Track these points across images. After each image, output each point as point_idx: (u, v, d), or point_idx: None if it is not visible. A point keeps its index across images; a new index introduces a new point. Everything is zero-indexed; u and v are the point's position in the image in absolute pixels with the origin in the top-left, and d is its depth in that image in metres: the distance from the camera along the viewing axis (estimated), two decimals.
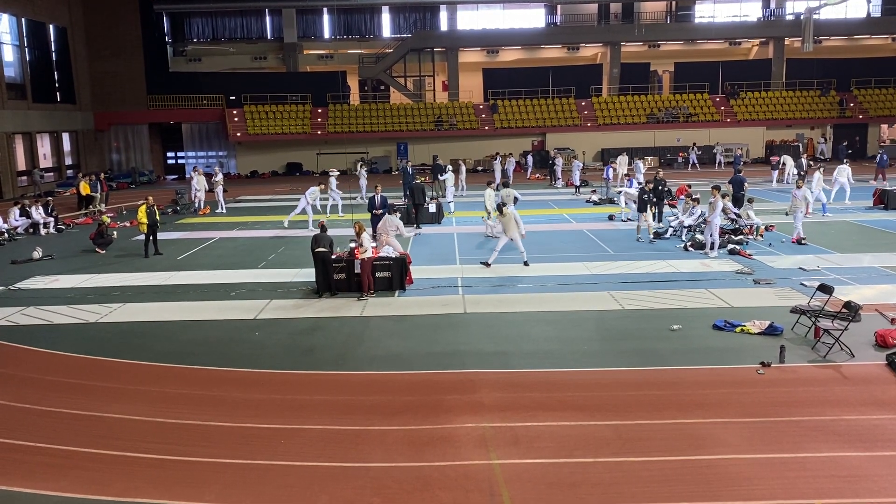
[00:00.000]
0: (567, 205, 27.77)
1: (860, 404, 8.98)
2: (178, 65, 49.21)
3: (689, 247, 18.27)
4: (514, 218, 16.50)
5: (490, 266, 16.60)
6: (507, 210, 16.53)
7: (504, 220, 16.56)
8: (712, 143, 42.97)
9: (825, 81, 47.04)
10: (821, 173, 24.09)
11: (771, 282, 14.85)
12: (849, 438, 8.07)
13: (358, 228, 14.86)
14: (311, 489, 7.28)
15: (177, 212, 28.25)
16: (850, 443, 7.97)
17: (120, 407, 9.37)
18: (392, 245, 15.74)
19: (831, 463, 7.56)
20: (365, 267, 14.45)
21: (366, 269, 14.47)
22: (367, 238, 14.82)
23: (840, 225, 21.32)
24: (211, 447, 8.23)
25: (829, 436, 8.16)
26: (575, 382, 9.93)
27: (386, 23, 51.01)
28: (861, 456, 7.67)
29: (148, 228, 19.27)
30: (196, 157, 47.31)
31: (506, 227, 16.57)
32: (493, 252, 16.88)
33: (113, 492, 7.26)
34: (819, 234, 19.56)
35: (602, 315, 12.91)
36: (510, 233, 16.50)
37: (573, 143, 44.38)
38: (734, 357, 10.67)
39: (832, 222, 21.66)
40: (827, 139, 46.11)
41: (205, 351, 11.53)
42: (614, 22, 49.59)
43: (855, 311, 11.14)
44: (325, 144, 44.43)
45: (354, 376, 10.36)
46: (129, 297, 14.96)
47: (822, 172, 24.19)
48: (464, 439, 8.26)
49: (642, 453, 7.85)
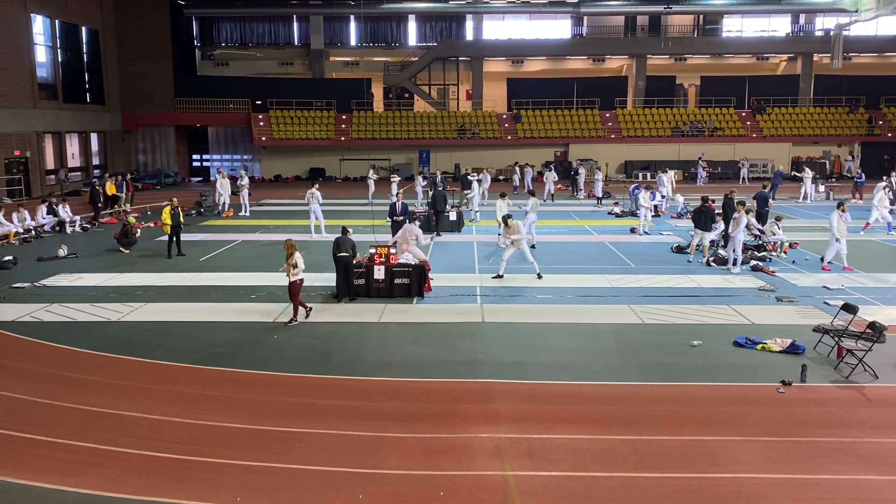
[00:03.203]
0: (588, 216, 27.65)
1: (883, 427, 8.83)
2: (206, 69, 49.79)
3: (712, 262, 18.10)
4: (519, 227, 16.47)
5: (503, 276, 16.55)
6: (512, 221, 16.50)
7: (510, 231, 16.53)
8: (737, 159, 42.58)
9: (854, 98, 46.47)
10: (885, 192, 23.67)
11: (794, 299, 14.67)
12: (870, 461, 7.93)
13: (289, 247, 13.10)
14: (325, 493, 7.28)
15: (200, 213, 28.52)
16: (871, 466, 7.84)
17: (138, 405, 9.46)
18: (413, 253, 15.77)
19: (851, 486, 7.43)
20: (294, 289, 13.04)
21: (295, 292, 13.06)
22: (299, 258, 13.02)
23: (866, 244, 21.01)
24: (227, 448, 8.27)
25: (849, 458, 8.02)
26: (592, 396, 9.86)
27: (412, 31, 51.27)
28: (882, 480, 7.54)
29: (171, 229, 19.47)
30: (221, 160, 47.80)
31: (513, 238, 16.54)
32: (501, 262, 16.83)
33: (129, 489, 7.32)
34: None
35: (622, 328, 12.82)
36: (518, 243, 16.45)
37: (596, 155, 44.21)
38: (755, 375, 10.54)
39: (859, 241, 21.35)
40: (854, 157, 45.54)
41: (224, 352, 11.61)
42: (641, 34, 49.41)
43: (880, 332, 10.96)
44: (349, 151, 44.67)
45: (371, 382, 10.37)
46: (151, 297, 15.11)
47: (885, 191, 23.78)
48: (478, 449, 8.23)
49: (659, 469, 7.77)
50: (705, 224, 18.29)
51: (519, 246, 16.46)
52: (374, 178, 32.83)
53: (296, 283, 13.01)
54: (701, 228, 18.36)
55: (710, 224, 18.44)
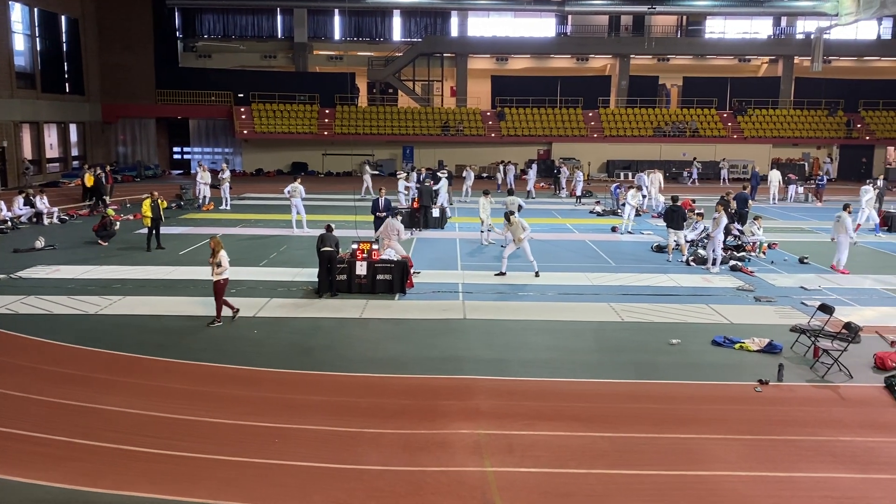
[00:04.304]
0: (570, 214, 27.77)
1: (857, 426, 8.96)
2: (188, 60, 49.31)
3: (691, 261, 18.25)
4: (521, 224, 16.52)
5: (506, 274, 16.57)
6: (514, 218, 16.54)
7: (512, 229, 16.58)
8: (718, 159, 42.96)
9: (833, 102, 47.01)
10: (875, 193, 24.08)
11: (772, 299, 14.84)
12: (844, 460, 8.06)
13: (214, 245, 12.48)
14: (305, 489, 7.27)
15: (181, 207, 28.29)
16: (845, 464, 7.96)
17: (116, 399, 9.38)
18: (395, 249, 15.76)
19: (825, 484, 7.54)
20: (218, 289, 12.53)
21: (219, 292, 12.57)
22: (224, 256, 12.44)
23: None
24: (205, 443, 8.22)
25: (824, 456, 8.14)
26: (572, 393, 9.92)
27: (396, 26, 51.10)
28: (856, 478, 7.66)
29: (151, 222, 19.30)
30: (202, 153, 47.36)
31: (514, 235, 16.59)
32: (502, 260, 16.85)
33: (105, 484, 7.26)
34: (821, 253, 19.53)
35: (601, 326, 12.91)
36: (518, 240, 16.50)
37: (579, 154, 44.39)
38: (732, 374, 10.66)
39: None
40: (833, 159, 46.12)
41: (203, 347, 11.54)
42: (624, 34, 49.63)
43: (855, 333, 11.13)
44: (332, 145, 44.49)
45: (351, 378, 10.36)
46: (130, 290, 14.98)
47: (877, 193, 24.18)
48: (459, 445, 8.25)
49: (637, 466, 7.83)
50: (677, 223, 18.58)
51: (520, 244, 16.50)
52: (371, 174, 32.76)
53: (220, 283, 12.45)
54: (673, 227, 18.63)
55: (681, 223, 18.73)
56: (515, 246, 16.62)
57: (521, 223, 16.53)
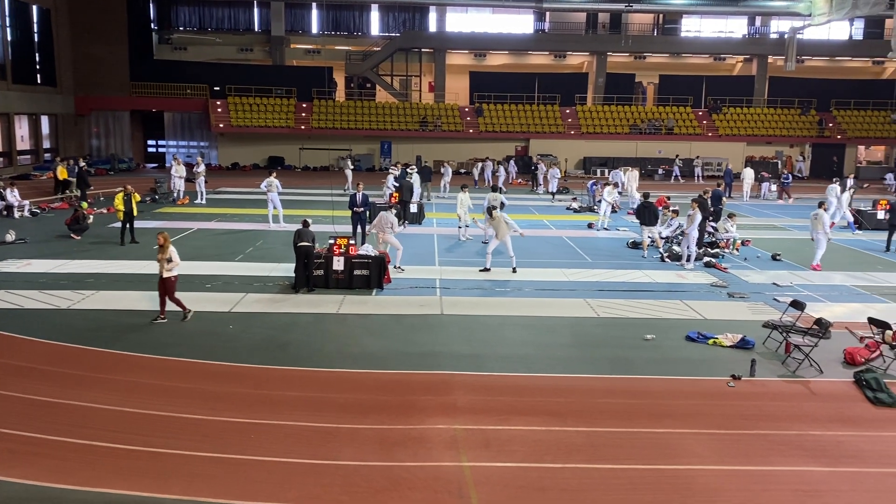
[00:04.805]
0: (547, 211, 27.88)
1: (826, 420, 9.12)
2: (163, 52, 48.67)
3: (666, 258, 18.42)
4: (505, 220, 16.56)
5: (490, 270, 16.59)
6: (496, 213, 16.58)
7: (494, 224, 16.60)
8: (692, 157, 43.37)
9: (806, 101, 47.67)
10: (850, 193, 24.43)
11: (745, 296, 15.02)
12: (814, 453, 8.19)
13: (163, 240, 12.17)
14: (280, 485, 7.24)
15: (155, 200, 27.97)
16: (815, 458, 8.09)
17: (88, 395, 9.26)
18: (390, 242, 15.89)
19: (796, 477, 7.67)
20: (169, 287, 12.22)
21: (169, 290, 12.23)
22: (174, 252, 12.14)
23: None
24: (179, 439, 8.15)
25: (795, 450, 8.27)
26: (548, 388, 9.97)
27: (374, 20, 50.87)
28: (825, 471, 7.79)
29: (125, 216, 19.07)
30: (177, 146, 46.80)
31: (497, 230, 16.61)
32: (486, 256, 16.87)
33: (76, 481, 7.17)
34: (793, 250, 19.82)
35: (577, 322, 12.99)
36: (501, 236, 16.53)
37: (556, 150, 44.56)
38: (706, 369, 10.78)
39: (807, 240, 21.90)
40: (805, 158, 46.78)
41: (177, 342, 11.43)
42: (602, 32, 49.86)
43: (825, 329, 11.31)
44: (309, 140, 44.22)
45: (328, 373, 10.32)
46: (103, 285, 14.78)
47: (851, 192, 24.53)
48: (435, 440, 8.26)
49: (612, 461, 7.90)
50: (649, 219, 18.87)
51: (503, 238, 16.51)
52: (351, 168, 32.64)
53: (170, 280, 12.15)
54: (646, 224, 18.90)
55: (654, 219, 19.02)
56: (498, 241, 16.64)
57: (504, 218, 16.58)
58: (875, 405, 9.58)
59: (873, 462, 8.03)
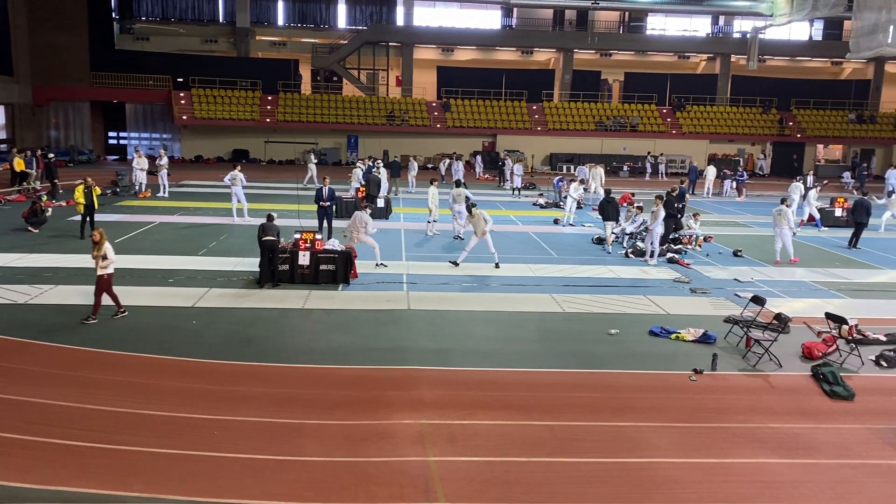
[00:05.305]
0: (513, 207, 28.00)
1: (785, 413, 9.33)
2: (125, 42, 47.70)
3: (630, 254, 18.64)
4: (484, 217, 16.59)
5: (459, 265, 16.60)
6: (476, 210, 16.60)
7: (474, 221, 16.62)
8: (657, 154, 43.93)
9: (767, 99, 48.59)
10: (817, 190, 24.95)
11: (707, 291, 15.27)
12: (772, 446, 8.37)
13: (98, 236, 11.65)
14: (244, 481, 7.18)
15: (116, 193, 27.45)
16: (773, 450, 8.27)
17: (47, 392, 9.07)
18: (364, 241, 15.80)
19: (755, 469, 7.83)
20: (103, 284, 11.72)
21: (101, 288, 11.74)
22: (109, 249, 11.65)
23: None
24: (141, 436, 8.03)
25: (754, 442, 8.45)
26: (514, 382, 10.04)
27: (342, 13, 50.49)
28: (783, 463, 7.97)
29: (85, 209, 18.68)
30: (139, 138, 46.01)
31: (475, 227, 16.62)
32: (462, 252, 16.87)
33: (35, 479, 7.03)
34: (754, 247, 20.19)
35: (543, 317, 13.08)
36: (480, 233, 16.55)
37: (523, 146, 44.79)
38: (668, 363, 10.94)
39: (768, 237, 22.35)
40: (766, 155, 47.70)
41: (138, 337, 11.24)
42: (568, 29, 50.18)
43: (785, 323, 11.56)
44: (274, 133, 43.79)
45: (293, 369, 10.25)
46: (62, 279, 14.47)
47: (818, 190, 25.02)
48: (401, 436, 8.26)
49: (576, 454, 7.99)
50: (611, 214, 19.28)
51: (482, 235, 16.51)
52: (315, 162, 32.32)
53: (104, 278, 11.69)
54: (607, 219, 19.28)
55: (616, 215, 19.40)
56: (478, 238, 16.65)
57: (484, 215, 16.62)
58: (831, 398, 9.82)
59: (829, 454, 8.23)
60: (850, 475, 7.77)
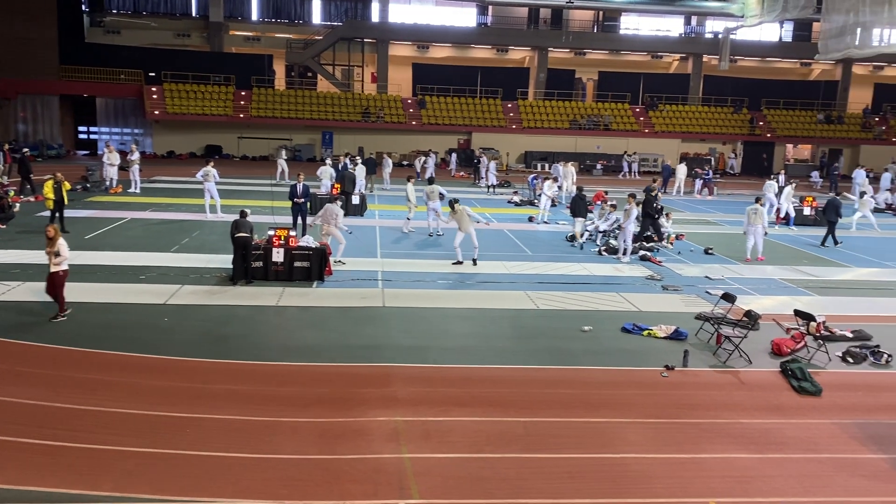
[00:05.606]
0: (488, 204, 28.06)
1: (754, 409, 9.47)
2: (96, 36, 46.93)
3: (603, 251, 18.79)
4: (467, 212, 16.60)
5: (463, 263, 16.60)
6: (459, 206, 16.61)
7: (457, 217, 16.62)
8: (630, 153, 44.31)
9: (738, 99, 49.24)
10: (792, 188, 25.27)
11: (678, 288, 15.45)
12: (742, 441, 8.51)
13: (53, 232, 11.47)
14: (217, 480, 7.12)
15: (87, 189, 27.03)
16: (743, 445, 8.40)
17: (15, 390, 8.91)
18: (334, 235, 15.72)
19: (725, 464, 7.95)
20: (57, 281, 11.50)
21: (58, 284, 11.52)
22: (63, 245, 11.46)
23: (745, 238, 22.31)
24: (111, 434, 7.93)
25: (724, 438, 8.57)
26: (488, 379, 10.08)
27: (316, 9, 50.16)
28: (753, 458, 8.10)
29: (54, 205, 18.39)
30: (110, 133, 45.25)
31: (459, 223, 16.61)
32: (455, 249, 16.81)
33: (4, 479, 6.91)
34: (725, 245, 20.45)
35: (518, 314, 13.14)
36: (465, 228, 16.55)
37: (498, 144, 44.89)
38: (640, 359, 11.06)
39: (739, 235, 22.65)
40: (737, 155, 48.34)
41: (109, 335, 11.09)
42: (543, 27, 50.39)
43: (754, 320, 11.73)
44: (248, 129, 43.41)
45: (268, 367, 10.19)
46: (30, 276, 14.21)
47: (793, 188, 25.36)
48: (376, 433, 8.26)
49: (550, 450, 8.04)
50: (581, 211, 19.57)
51: (467, 230, 16.51)
52: (285, 159, 32.10)
53: (58, 275, 11.50)
54: (577, 215, 19.54)
55: (585, 211, 19.73)
56: (463, 233, 16.65)
57: (467, 211, 16.63)
58: (799, 394, 10.00)
59: (798, 448, 8.38)
60: (817, 469, 7.92)
